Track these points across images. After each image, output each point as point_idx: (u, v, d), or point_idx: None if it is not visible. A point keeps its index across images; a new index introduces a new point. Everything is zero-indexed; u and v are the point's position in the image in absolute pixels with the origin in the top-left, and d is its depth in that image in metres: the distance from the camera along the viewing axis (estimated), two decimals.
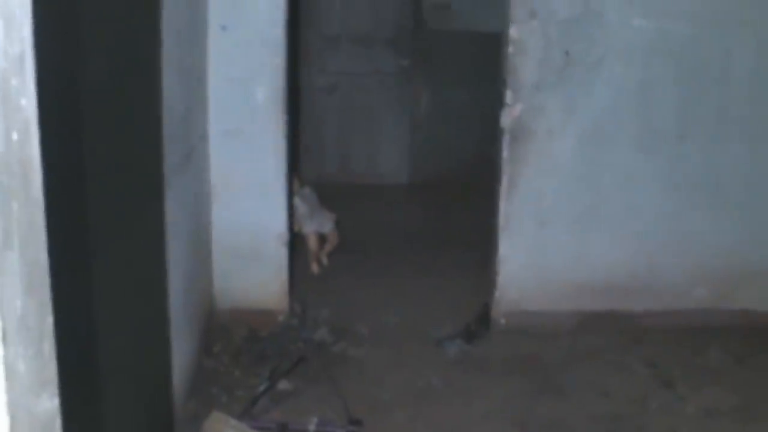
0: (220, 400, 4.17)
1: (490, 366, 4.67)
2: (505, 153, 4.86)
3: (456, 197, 7.65)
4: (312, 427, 3.80)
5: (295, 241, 5.83)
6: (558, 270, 5.02)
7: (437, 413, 4.15)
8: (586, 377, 4.54)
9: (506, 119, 4.81)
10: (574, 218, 4.97)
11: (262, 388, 4.17)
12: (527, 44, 4.72)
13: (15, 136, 0.84)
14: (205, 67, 4.62)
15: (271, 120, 4.76)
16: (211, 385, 4.32)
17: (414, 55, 8.26)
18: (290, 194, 5.08)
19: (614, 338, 4.94)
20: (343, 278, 5.91)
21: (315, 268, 6.01)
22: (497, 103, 4.87)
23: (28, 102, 0.85)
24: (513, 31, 4.71)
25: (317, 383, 4.36)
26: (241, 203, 4.83)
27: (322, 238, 6.14)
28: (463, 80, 8.03)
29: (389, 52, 8.28)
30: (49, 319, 0.92)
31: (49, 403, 0.93)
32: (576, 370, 4.61)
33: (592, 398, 4.33)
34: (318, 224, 6.08)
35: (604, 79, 4.79)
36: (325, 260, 6.15)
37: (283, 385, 4.30)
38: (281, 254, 4.94)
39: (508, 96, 4.77)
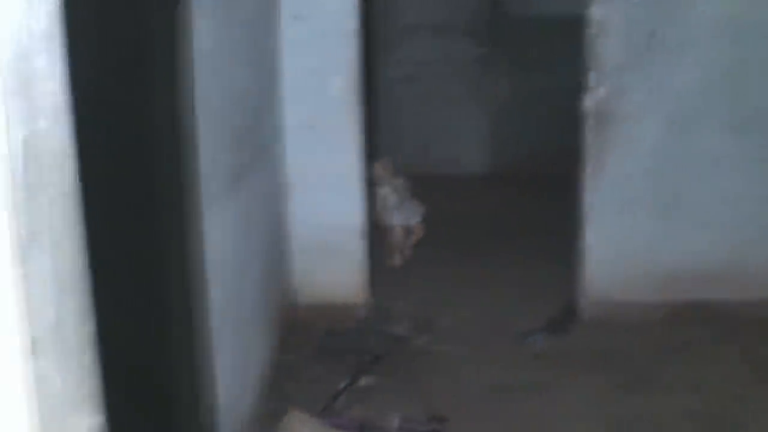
0: (298, 397, 4.10)
1: (577, 360, 4.51)
2: (589, 138, 4.69)
3: (538, 187, 7.47)
4: (395, 423, 3.71)
5: (377, 233, 5.75)
6: (646, 259, 4.83)
7: (522, 410, 4.01)
8: (678, 371, 4.34)
9: (590, 103, 4.64)
10: (662, 206, 4.77)
11: (342, 384, 4.10)
12: (610, 25, 4.53)
13: (42, 124, 0.75)
14: (278, 59, 4.56)
15: (346, 112, 4.68)
16: (289, 382, 4.26)
17: (492, 43, 8.10)
18: (369, 186, 4.98)
19: (707, 330, 4.73)
20: (425, 271, 5.80)
21: (398, 260, 5.92)
22: (580, 87, 4.70)
23: (55, 85, 0.76)
24: (595, 12, 4.53)
25: (398, 379, 4.27)
26: (317, 197, 4.77)
27: (407, 230, 6.05)
28: (543, 66, 7.83)
29: (467, 40, 8.13)
30: (89, 327, 0.83)
31: (91, 421, 0.84)
32: (667, 364, 4.42)
33: (686, 394, 4.13)
34: (405, 216, 5.99)
35: (691, 59, 4.58)
36: (409, 253, 6.05)
37: (364, 381, 4.22)
38: (359, 248, 4.86)
39: (592, 79, 4.60)
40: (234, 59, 3.51)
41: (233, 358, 3.42)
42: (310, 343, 4.66)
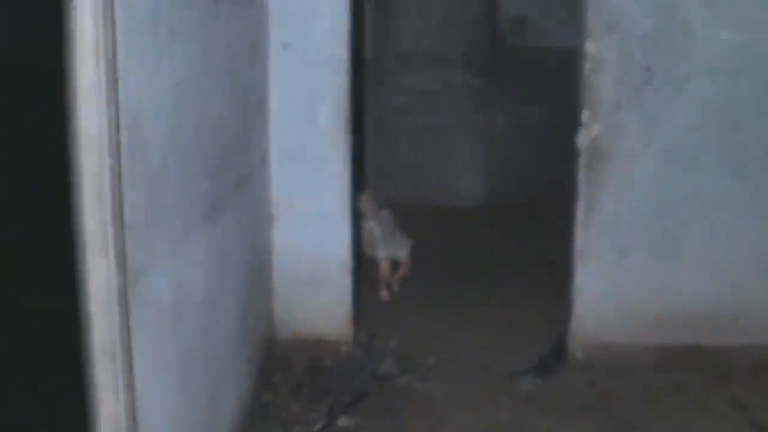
0: None
1: (564, 403, 4.36)
2: (582, 175, 4.57)
3: (534, 220, 7.36)
4: None
5: (364, 266, 5.64)
6: (638, 300, 4.70)
7: None
8: (667, 418, 4.19)
9: (583, 140, 4.53)
10: (656, 245, 4.64)
11: (319, 425, 3.96)
12: (605, 60, 4.43)
13: None
14: (265, 88, 4.46)
15: (334, 142, 4.57)
16: (268, 420, 4.12)
17: (490, 73, 8.02)
18: (356, 218, 4.86)
19: (699, 375, 4.59)
20: (413, 306, 5.68)
21: (385, 295, 5.80)
22: (574, 122, 4.59)
23: None
24: (589, 47, 4.43)
25: (379, 420, 4.13)
26: (303, 228, 4.65)
27: (394, 264, 5.93)
28: (541, 98, 7.74)
29: (464, 71, 8.06)
30: None
31: None
32: (657, 410, 4.27)
33: None
34: (393, 250, 5.87)
35: (688, 97, 4.47)
36: (396, 287, 5.92)
37: (343, 421, 4.08)
38: (345, 282, 4.74)
39: (585, 115, 4.49)
40: (213, 87, 3.41)
41: (201, 397, 3.29)
42: (291, 381, 4.52)
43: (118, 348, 2.44)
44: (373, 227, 5.81)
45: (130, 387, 2.51)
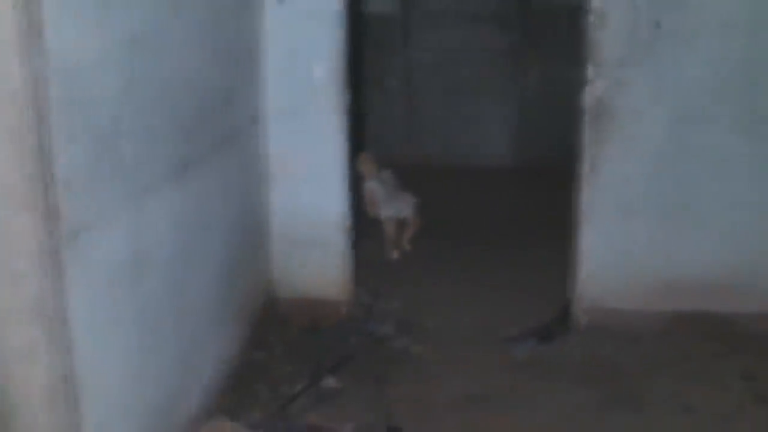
0: (262, 396, 3.92)
1: (563, 370, 4.24)
2: (587, 135, 4.40)
3: (562, 182, 7.13)
4: None
5: (373, 227, 5.56)
6: (646, 265, 4.52)
7: (492, 423, 3.75)
8: (670, 388, 4.03)
9: (588, 97, 4.35)
10: (665, 208, 4.45)
11: (300, 387, 3.90)
12: (611, 14, 4.22)
13: None
14: (258, 43, 4.36)
15: (329, 99, 4.46)
16: (256, 380, 4.07)
17: (521, 32, 7.81)
18: (356, 178, 4.76)
19: (707, 344, 4.42)
20: (423, 267, 5.58)
21: (395, 254, 5.71)
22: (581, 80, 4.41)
23: None
24: (595, 0, 4.23)
25: (365, 382, 4.05)
26: (299, 187, 4.57)
27: (401, 223, 5.83)
28: (574, 58, 7.47)
29: (495, 28, 7.85)
30: None
31: None
32: (659, 380, 4.12)
33: (673, 414, 3.83)
34: (396, 209, 5.77)
35: (699, 54, 4.25)
36: (407, 246, 5.83)
37: (329, 383, 4.01)
38: (342, 241, 4.65)
39: (589, 72, 4.30)
40: (186, 41, 3.32)
41: (169, 358, 3.24)
42: (285, 340, 4.47)
43: (50, 306, 2.39)
44: (373, 187, 5.73)
45: (65, 349, 2.46)
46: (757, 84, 4.30)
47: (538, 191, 7.15)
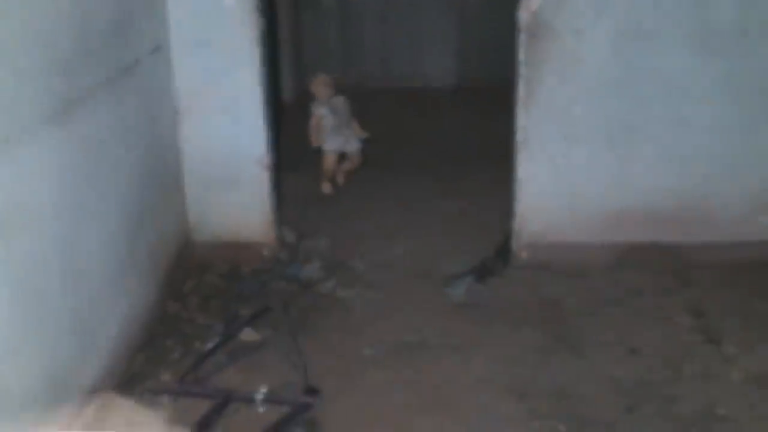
0: (174, 355, 3.58)
1: (500, 312, 3.93)
2: (522, 55, 4.03)
3: (507, 103, 6.79)
4: (259, 396, 3.18)
5: (309, 158, 5.18)
6: (590, 195, 4.21)
7: (423, 375, 3.45)
8: (614, 328, 3.76)
9: (523, 14, 3.97)
10: (610, 134, 4.12)
11: (211, 344, 3.56)
12: None
13: None
14: None
15: (242, 27, 4.02)
16: (169, 335, 3.73)
17: None
18: (274, 110, 4.35)
19: (656, 278, 4.15)
20: (356, 201, 5.23)
21: (327, 188, 5.33)
22: None
23: None
24: None
25: (288, 334, 3.71)
26: (212, 123, 4.17)
27: (341, 156, 5.45)
28: None
29: None
30: None
31: None
32: (603, 319, 3.84)
33: (616, 357, 3.55)
34: (341, 143, 5.38)
35: None
36: (341, 179, 5.46)
37: (247, 335, 3.67)
38: (262, 180, 4.27)
39: None
40: None
41: (64, 318, 2.89)
42: (203, 289, 4.12)
43: None
44: (323, 115, 5.30)
45: None
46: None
47: (482, 113, 6.76)
